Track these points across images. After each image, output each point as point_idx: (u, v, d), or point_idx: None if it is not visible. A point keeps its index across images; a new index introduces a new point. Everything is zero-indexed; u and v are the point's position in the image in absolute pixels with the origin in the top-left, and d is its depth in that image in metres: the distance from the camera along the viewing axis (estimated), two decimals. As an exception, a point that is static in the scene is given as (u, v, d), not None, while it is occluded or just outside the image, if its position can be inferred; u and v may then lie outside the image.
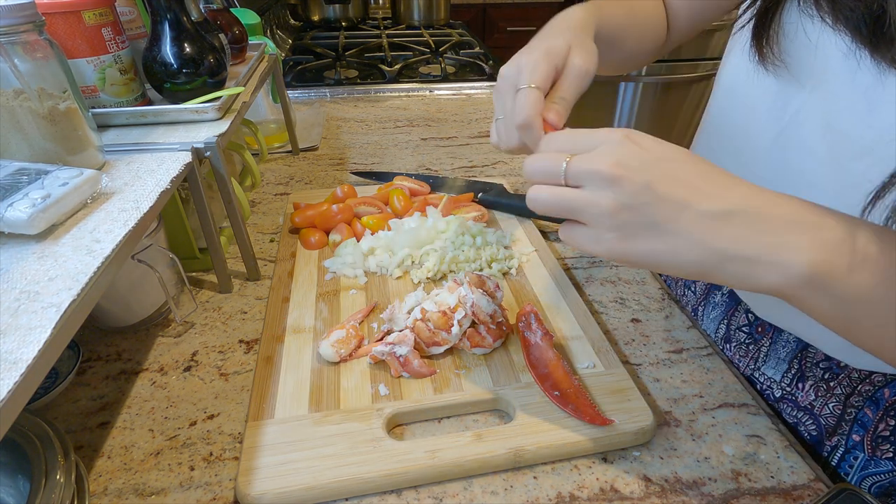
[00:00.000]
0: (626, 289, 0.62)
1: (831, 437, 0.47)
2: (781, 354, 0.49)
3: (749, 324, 0.51)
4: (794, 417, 0.49)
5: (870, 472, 0.45)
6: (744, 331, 0.52)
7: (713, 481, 0.41)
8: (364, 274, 0.61)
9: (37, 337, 0.29)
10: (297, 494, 0.38)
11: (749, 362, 0.52)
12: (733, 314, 0.53)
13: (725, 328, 0.54)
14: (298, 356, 0.50)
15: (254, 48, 0.81)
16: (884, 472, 0.44)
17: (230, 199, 0.57)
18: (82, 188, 0.41)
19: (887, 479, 0.44)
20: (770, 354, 0.50)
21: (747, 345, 0.52)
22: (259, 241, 0.71)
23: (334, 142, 1.02)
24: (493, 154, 0.96)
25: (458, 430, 0.44)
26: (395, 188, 0.73)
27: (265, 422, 0.43)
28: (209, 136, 0.53)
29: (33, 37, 0.41)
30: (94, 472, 0.41)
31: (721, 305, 0.55)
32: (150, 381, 0.49)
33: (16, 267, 0.35)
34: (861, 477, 0.45)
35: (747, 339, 0.52)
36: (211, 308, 0.59)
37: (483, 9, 2.51)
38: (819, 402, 0.47)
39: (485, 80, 1.32)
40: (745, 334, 0.52)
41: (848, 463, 0.46)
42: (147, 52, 0.56)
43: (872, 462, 0.45)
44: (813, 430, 0.48)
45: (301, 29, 1.81)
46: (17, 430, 0.35)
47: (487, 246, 0.64)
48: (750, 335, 0.51)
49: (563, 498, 0.40)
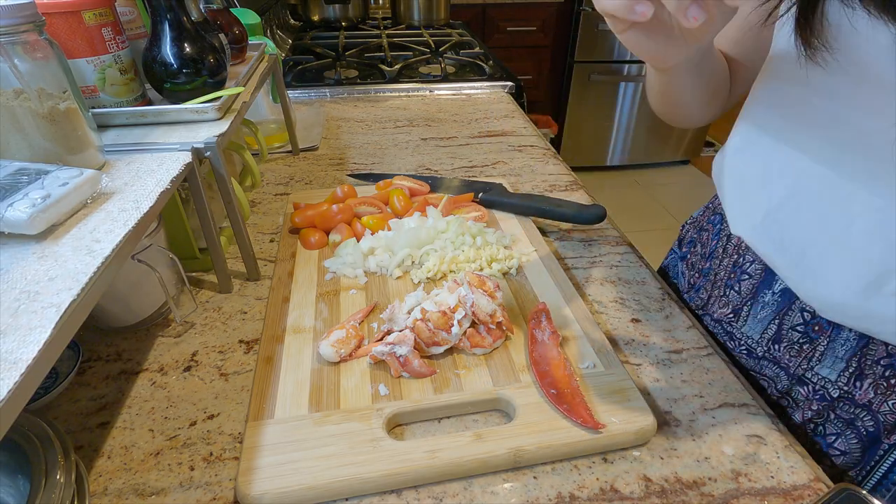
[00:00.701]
0: (626, 289, 0.62)
1: (890, 435, 0.46)
2: (840, 353, 0.47)
3: (804, 322, 0.49)
4: (851, 413, 0.48)
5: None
6: (798, 330, 0.50)
7: (713, 481, 0.41)
8: (364, 274, 0.61)
9: (37, 337, 0.29)
10: (297, 494, 0.38)
11: (802, 362, 0.50)
12: (786, 313, 0.51)
13: (776, 328, 0.52)
14: (298, 356, 0.50)
15: (254, 48, 0.81)
16: None
17: (230, 199, 0.57)
18: (82, 188, 0.41)
19: None
20: (827, 353, 0.48)
21: (801, 344, 0.50)
22: (259, 241, 0.71)
23: (334, 142, 1.02)
24: (493, 154, 0.96)
25: (458, 430, 0.44)
26: (395, 188, 0.73)
27: (265, 422, 0.43)
28: (209, 136, 0.53)
29: (33, 37, 0.41)
30: (94, 472, 0.41)
31: (772, 305, 0.52)
32: (150, 381, 0.49)
33: (16, 267, 0.35)
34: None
35: (801, 338, 0.50)
36: (211, 308, 0.59)
37: (483, 9, 2.51)
38: (878, 398, 0.46)
39: (485, 80, 1.32)
40: (799, 333, 0.50)
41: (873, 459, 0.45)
42: (147, 52, 0.56)
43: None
44: (871, 426, 0.47)
45: (301, 29, 1.81)
46: (17, 430, 0.35)
47: (487, 246, 0.64)
48: (805, 334, 0.50)
49: (563, 498, 0.40)
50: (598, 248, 0.70)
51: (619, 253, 0.68)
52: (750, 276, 0.54)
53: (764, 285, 0.53)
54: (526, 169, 0.91)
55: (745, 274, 0.55)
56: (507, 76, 1.34)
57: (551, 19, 2.59)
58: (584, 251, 0.69)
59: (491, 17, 2.54)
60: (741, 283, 0.56)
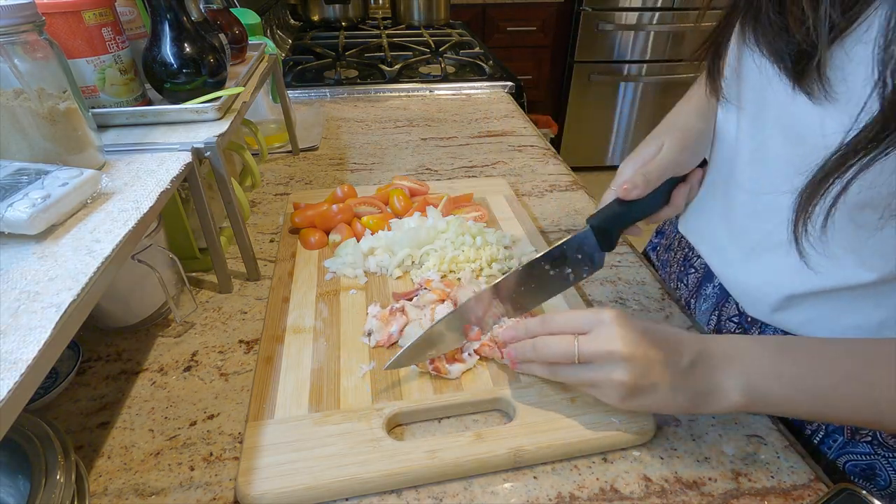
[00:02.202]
0: (626, 289, 0.62)
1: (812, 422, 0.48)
2: None
3: (739, 314, 0.52)
4: None
5: (846, 451, 0.46)
6: (734, 321, 0.53)
7: (713, 481, 0.41)
8: (364, 274, 0.61)
9: (37, 337, 0.29)
10: (297, 494, 0.38)
11: None
12: (724, 306, 0.54)
13: (717, 319, 0.55)
14: (298, 356, 0.50)
15: (254, 48, 0.81)
16: (860, 454, 0.45)
17: (230, 199, 0.57)
18: (82, 188, 0.41)
19: (864, 460, 0.45)
20: None
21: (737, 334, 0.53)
22: (259, 241, 0.71)
23: (334, 142, 1.02)
24: (493, 154, 0.96)
25: (458, 430, 0.44)
26: (395, 188, 0.73)
27: (265, 422, 0.43)
28: (209, 136, 0.53)
29: (33, 37, 0.41)
30: (94, 472, 0.41)
31: (712, 297, 0.56)
32: (150, 381, 0.49)
33: (16, 267, 0.35)
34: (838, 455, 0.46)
35: (737, 328, 0.53)
36: (211, 308, 0.59)
37: (483, 9, 2.51)
38: None
39: (485, 80, 1.32)
40: (734, 324, 0.53)
41: (827, 445, 0.47)
42: (147, 52, 0.56)
43: (850, 444, 0.46)
44: None
45: (301, 29, 1.81)
46: (17, 430, 0.35)
47: (487, 246, 0.64)
48: (740, 325, 0.52)
49: (563, 498, 0.40)
50: (598, 248, 0.70)
51: (618, 253, 0.68)
52: (696, 270, 0.59)
53: (706, 279, 0.57)
54: (526, 169, 0.91)
55: (692, 268, 0.59)
56: (507, 76, 1.34)
57: (551, 19, 2.59)
58: (584, 251, 0.69)
59: (491, 17, 2.54)
60: (689, 276, 0.60)
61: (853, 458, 0.45)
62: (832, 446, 0.47)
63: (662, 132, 0.51)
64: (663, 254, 0.68)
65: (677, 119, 0.53)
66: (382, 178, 0.87)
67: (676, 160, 0.49)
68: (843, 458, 0.46)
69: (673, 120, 0.53)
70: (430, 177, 0.88)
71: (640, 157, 0.50)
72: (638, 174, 0.48)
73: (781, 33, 0.37)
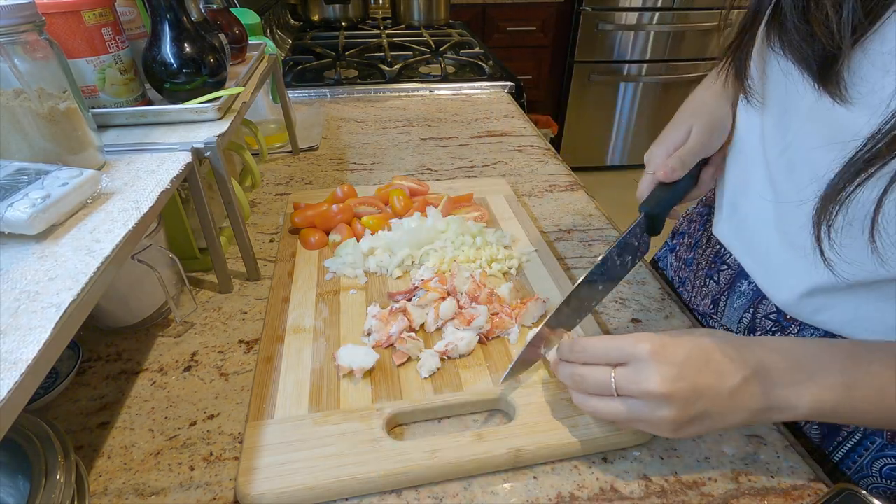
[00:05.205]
0: (626, 289, 0.62)
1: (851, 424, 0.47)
2: None
3: (777, 311, 0.51)
4: None
5: (885, 454, 0.45)
6: (771, 318, 0.52)
7: (713, 481, 0.41)
8: (364, 274, 0.61)
9: (37, 337, 0.29)
10: (297, 494, 0.38)
11: None
12: (760, 302, 0.53)
13: (751, 317, 0.54)
14: (298, 356, 0.50)
15: (254, 48, 0.81)
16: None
17: (230, 199, 0.57)
18: (82, 188, 0.41)
19: None
20: None
21: (773, 332, 0.51)
22: (259, 241, 0.71)
23: (334, 142, 1.02)
24: (493, 154, 0.96)
25: (458, 430, 0.44)
26: (395, 188, 0.73)
27: (265, 422, 0.43)
28: (209, 136, 0.53)
29: (33, 37, 0.41)
30: (94, 472, 0.41)
31: (748, 294, 0.54)
32: (150, 381, 0.49)
33: (16, 267, 0.35)
34: (874, 458, 0.45)
35: (774, 326, 0.51)
36: (211, 308, 0.59)
37: (483, 9, 2.51)
38: None
39: (485, 80, 1.32)
40: (771, 322, 0.52)
41: (864, 447, 0.46)
42: (147, 52, 0.56)
43: (889, 447, 0.44)
44: None
45: (301, 29, 1.81)
46: (17, 430, 0.35)
47: (487, 246, 0.64)
48: (777, 322, 0.51)
49: (563, 498, 0.40)
50: (598, 248, 0.70)
51: (619, 253, 0.68)
52: (729, 267, 0.57)
53: (741, 275, 0.55)
54: (526, 169, 0.91)
55: (725, 264, 0.58)
56: (507, 76, 1.34)
57: (551, 19, 2.59)
58: (584, 251, 0.69)
59: (491, 17, 2.54)
60: (720, 272, 0.59)
61: (891, 462, 0.44)
62: (870, 448, 0.45)
63: (687, 117, 0.52)
64: (685, 253, 0.67)
65: (702, 105, 0.53)
66: (382, 178, 0.87)
67: (706, 143, 0.51)
68: (879, 461, 0.45)
69: (696, 105, 0.54)
70: (430, 177, 0.88)
71: (671, 140, 0.51)
72: (675, 157, 0.49)
73: (807, 38, 0.37)
